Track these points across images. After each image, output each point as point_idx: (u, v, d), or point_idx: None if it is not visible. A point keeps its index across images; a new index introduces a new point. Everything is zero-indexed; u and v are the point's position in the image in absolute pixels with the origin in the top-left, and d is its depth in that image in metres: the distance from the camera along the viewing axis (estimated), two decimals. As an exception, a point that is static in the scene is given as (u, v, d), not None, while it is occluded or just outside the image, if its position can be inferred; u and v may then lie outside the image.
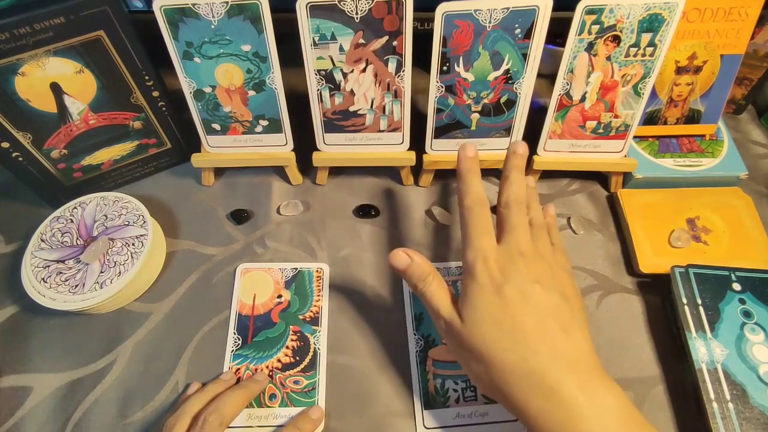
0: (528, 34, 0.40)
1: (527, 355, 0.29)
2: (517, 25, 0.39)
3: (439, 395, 0.39)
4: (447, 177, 0.52)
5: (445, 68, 0.42)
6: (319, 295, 0.44)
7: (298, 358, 0.41)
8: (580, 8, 0.39)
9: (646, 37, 0.40)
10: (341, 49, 0.41)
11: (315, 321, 0.43)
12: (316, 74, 0.43)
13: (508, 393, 0.29)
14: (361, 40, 0.40)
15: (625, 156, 0.48)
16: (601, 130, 0.46)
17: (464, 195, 0.35)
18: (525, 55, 0.41)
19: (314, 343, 0.42)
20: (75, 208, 0.46)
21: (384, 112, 0.45)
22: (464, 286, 0.33)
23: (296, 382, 0.40)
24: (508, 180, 0.37)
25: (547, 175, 0.51)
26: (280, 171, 0.52)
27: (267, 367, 0.40)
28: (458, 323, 0.32)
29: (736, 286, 0.41)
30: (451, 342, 0.33)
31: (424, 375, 0.40)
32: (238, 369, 0.40)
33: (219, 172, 0.53)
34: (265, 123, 0.47)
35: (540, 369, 0.29)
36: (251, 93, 0.44)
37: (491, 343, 0.30)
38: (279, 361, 0.41)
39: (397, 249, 0.35)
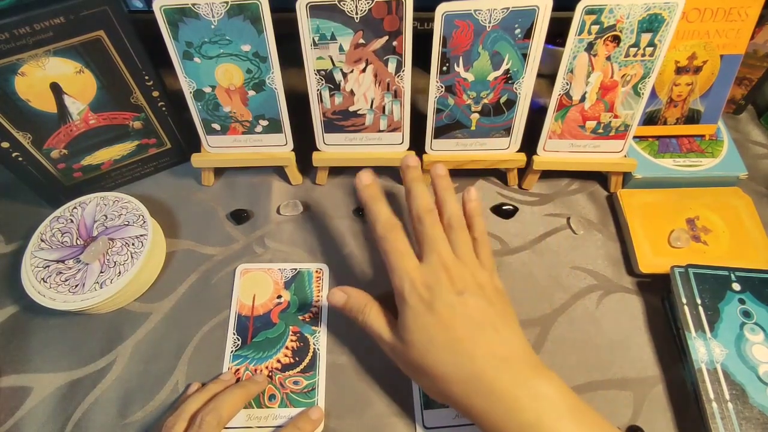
0: (528, 34, 0.40)
1: (464, 362, 0.31)
2: (517, 25, 0.39)
3: None
4: (447, 177, 0.52)
5: (444, 68, 0.42)
6: (318, 296, 0.44)
7: (297, 358, 0.41)
8: (579, 8, 0.39)
9: (645, 37, 0.40)
10: (341, 49, 0.41)
11: (315, 321, 0.43)
12: (316, 74, 0.43)
13: (454, 399, 0.32)
14: (361, 40, 0.40)
15: (625, 156, 0.48)
16: (600, 130, 0.46)
17: (374, 224, 0.37)
18: (525, 55, 0.41)
19: (314, 344, 0.42)
20: (75, 208, 0.46)
21: (384, 112, 0.45)
22: (399, 310, 0.34)
23: (296, 383, 0.40)
24: (411, 194, 0.38)
25: (547, 175, 0.51)
26: (280, 171, 0.52)
27: (266, 367, 0.40)
28: (399, 345, 0.34)
29: (736, 286, 0.41)
30: (397, 362, 0.35)
31: None
32: (238, 369, 0.40)
33: (219, 172, 0.53)
34: (265, 123, 0.47)
35: (477, 372, 0.31)
36: (251, 93, 0.44)
37: (431, 358, 0.32)
38: (278, 361, 0.41)
39: (333, 288, 0.37)
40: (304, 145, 0.49)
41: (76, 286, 0.41)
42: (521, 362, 0.31)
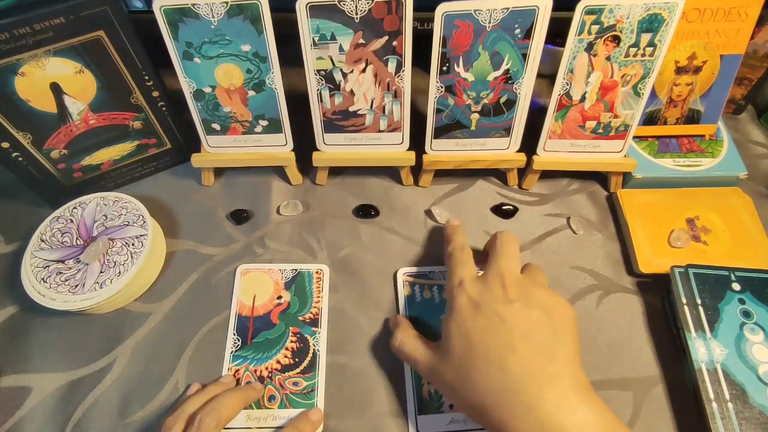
0: (528, 34, 0.40)
1: (502, 372, 0.29)
2: (516, 25, 0.39)
3: (433, 400, 0.39)
4: (447, 177, 0.52)
5: (444, 68, 0.42)
6: (318, 297, 0.44)
7: (297, 359, 0.41)
8: (579, 8, 0.39)
9: (645, 37, 0.40)
10: (341, 49, 0.41)
11: (314, 322, 0.43)
12: (316, 74, 0.43)
13: (487, 415, 0.29)
14: (361, 40, 0.40)
15: (625, 156, 0.48)
16: (600, 130, 0.46)
17: (449, 243, 0.40)
18: (525, 55, 0.41)
19: (314, 345, 0.42)
20: (75, 208, 0.46)
21: (384, 112, 0.45)
22: (445, 317, 0.34)
23: (295, 384, 0.40)
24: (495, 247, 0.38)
25: (547, 175, 0.51)
26: (280, 171, 0.52)
27: (266, 368, 0.40)
28: (436, 359, 0.33)
29: (736, 286, 0.41)
30: (434, 380, 0.34)
31: (418, 380, 0.40)
32: (238, 370, 0.40)
33: (219, 172, 0.53)
34: (264, 123, 0.47)
35: (515, 387, 0.29)
36: (251, 93, 0.44)
37: (468, 366, 0.31)
38: (278, 362, 0.41)
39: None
40: (304, 145, 0.49)
41: (76, 286, 0.41)
42: (568, 384, 0.29)
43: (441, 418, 0.38)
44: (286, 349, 0.41)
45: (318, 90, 0.44)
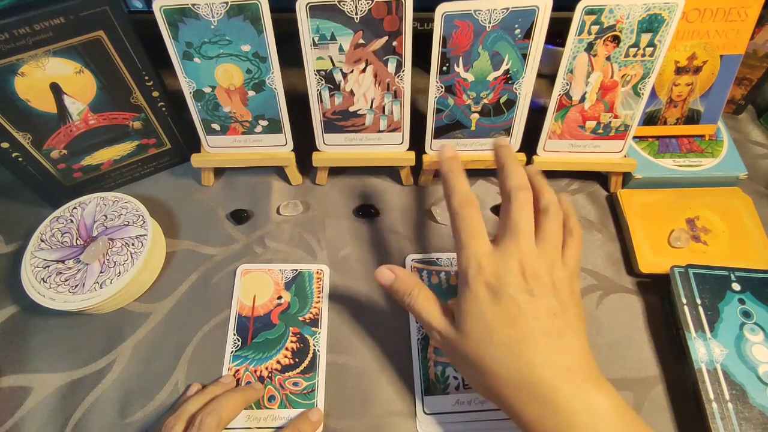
0: (528, 34, 0.40)
1: (521, 367, 0.29)
2: (516, 25, 0.39)
3: (440, 382, 0.39)
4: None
5: (444, 68, 0.42)
6: (319, 297, 0.44)
7: (297, 359, 0.41)
8: (579, 8, 0.39)
9: (645, 38, 0.40)
10: (341, 49, 0.41)
11: (315, 323, 0.43)
12: (315, 74, 0.43)
13: (504, 400, 0.30)
14: (361, 41, 0.40)
15: (625, 156, 0.48)
16: (600, 131, 0.46)
17: (451, 197, 0.35)
18: (525, 56, 0.41)
19: (314, 345, 0.42)
20: (75, 208, 0.46)
21: (384, 112, 0.45)
22: (459, 294, 0.32)
23: (295, 384, 0.40)
24: (505, 169, 0.35)
25: (547, 175, 0.50)
26: (280, 171, 0.52)
27: (266, 368, 0.40)
28: (452, 333, 0.32)
29: (736, 286, 0.41)
30: (447, 351, 0.33)
31: (425, 362, 0.40)
32: (238, 370, 0.40)
33: (219, 172, 0.53)
34: (264, 123, 0.47)
35: (534, 379, 0.29)
36: (251, 93, 0.44)
37: (487, 354, 0.30)
38: (278, 362, 0.41)
39: (381, 266, 0.36)
40: (304, 145, 0.49)
41: (76, 286, 0.41)
42: (582, 374, 0.29)
43: (447, 399, 0.39)
44: (286, 349, 0.41)
45: (318, 90, 0.44)
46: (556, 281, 0.32)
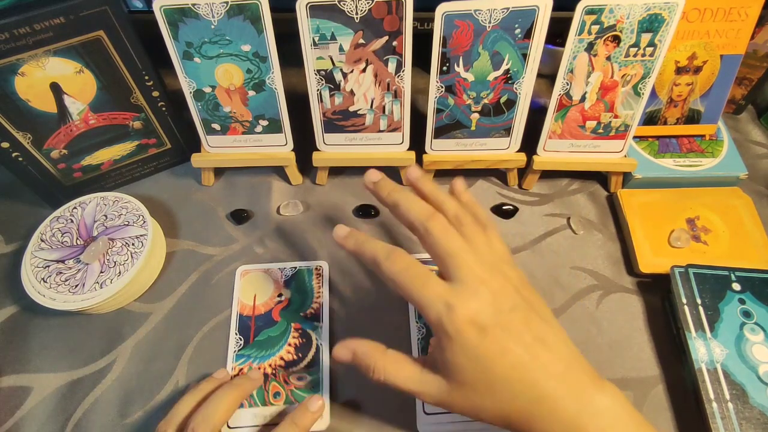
0: (528, 34, 0.40)
1: (524, 386, 0.28)
2: (517, 25, 0.39)
3: None
4: (446, 177, 0.52)
5: (444, 68, 0.42)
6: (319, 292, 0.44)
7: (300, 354, 0.41)
8: (580, 8, 0.39)
9: (646, 37, 0.40)
10: (341, 49, 0.41)
11: (316, 317, 0.43)
12: (316, 74, 0.43)
13: (513, 423, 0.29)
14: (361, 40, 0.40)
15: (625, 156, 0.48)
16: (600, 130, 0.46)
17: (379, 263, 0.31)
18: (525, 55, 0.41)
19: (316, 339, 0.42)
20: (75, 208, 0.46)
21: (384, 112, 0.45)
22: (437, 344, 0.30)
23: (300, 379, 0.40)
24: (399, 206, 0.33)
25: (547, 175, 0.51)
26: (280, 171, 0.52)
27: (270, 365, 0.40)
28: (444, 389, 0.30)
29: (736, 286, 0.41)
30: (444, 406, 0.31)
31: (425, 349, 0.40)
32: (241, 369, 0.40)
33: (219, 172, 0.53)
34: (265, 123, 0.47)
35: (539, 397, 0.28)
36: (251, 93, 0.44)
37: (487, 391, 0.29)
38: (282, 358, 0.41)
39: (335, 346, 0.33)
40: (304, 145, 0.49)
41: (76, 286, 0.41)
42: (577, 373, 0.29)
43: None
44: (289, 345, 0.41)
45: (318, 90, 0.44)
46: (514, 282, 0.31)
